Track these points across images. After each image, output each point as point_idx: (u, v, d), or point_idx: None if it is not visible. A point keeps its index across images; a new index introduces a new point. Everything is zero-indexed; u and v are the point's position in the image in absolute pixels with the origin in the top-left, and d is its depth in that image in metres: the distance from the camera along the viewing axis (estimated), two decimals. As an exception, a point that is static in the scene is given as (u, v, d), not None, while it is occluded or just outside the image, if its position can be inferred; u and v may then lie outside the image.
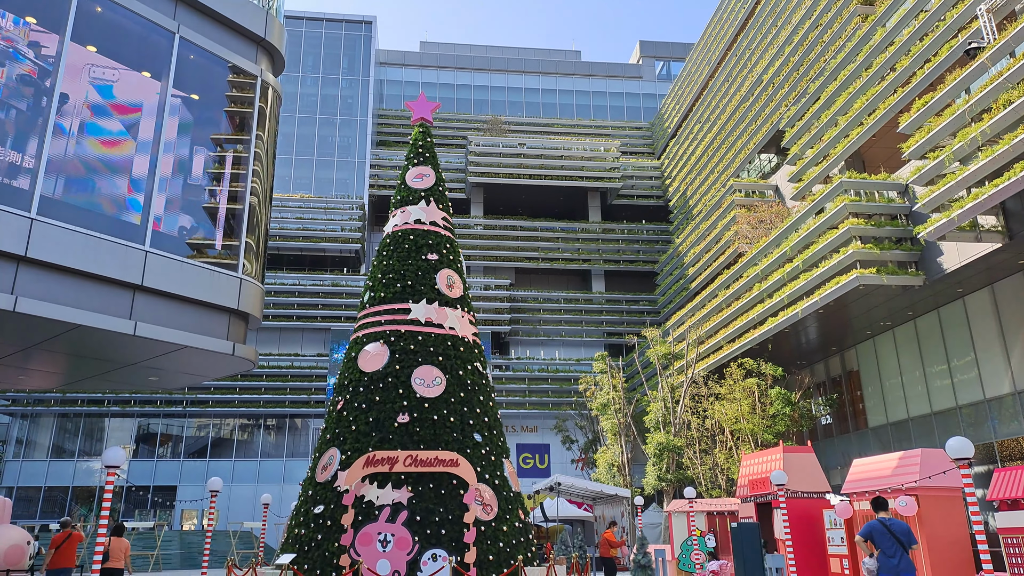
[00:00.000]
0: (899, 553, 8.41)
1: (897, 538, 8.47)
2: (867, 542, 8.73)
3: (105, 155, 9.62)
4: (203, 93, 10.86)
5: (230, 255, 10.63)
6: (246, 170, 11.08)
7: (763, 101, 35.24)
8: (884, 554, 8.48)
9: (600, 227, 53.29)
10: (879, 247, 21.77)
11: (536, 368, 47.89)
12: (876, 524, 8.67)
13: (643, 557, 17.07)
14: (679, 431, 31.12)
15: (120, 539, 13.64)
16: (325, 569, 13.58)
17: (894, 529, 8.51)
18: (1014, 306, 20.81)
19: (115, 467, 9.46)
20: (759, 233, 32.26)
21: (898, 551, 8.43)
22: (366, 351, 16.18)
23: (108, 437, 44.25)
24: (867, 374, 27.70)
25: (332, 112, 53.50)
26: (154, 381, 11.81)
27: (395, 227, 17.95)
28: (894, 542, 8.45)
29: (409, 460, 14.35)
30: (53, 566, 12.63)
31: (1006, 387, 20.96)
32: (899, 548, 8.45)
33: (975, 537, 8.62)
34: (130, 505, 42.83)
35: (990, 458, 21.40)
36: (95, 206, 9.28)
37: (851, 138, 25.22)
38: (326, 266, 50.71)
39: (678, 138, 51.53)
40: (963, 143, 17.78)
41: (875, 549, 8.61)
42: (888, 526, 8.56)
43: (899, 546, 8.45)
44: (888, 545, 8.48)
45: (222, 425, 45.68)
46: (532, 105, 61.90)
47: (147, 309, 9.24)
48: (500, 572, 13.98)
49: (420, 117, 19.54)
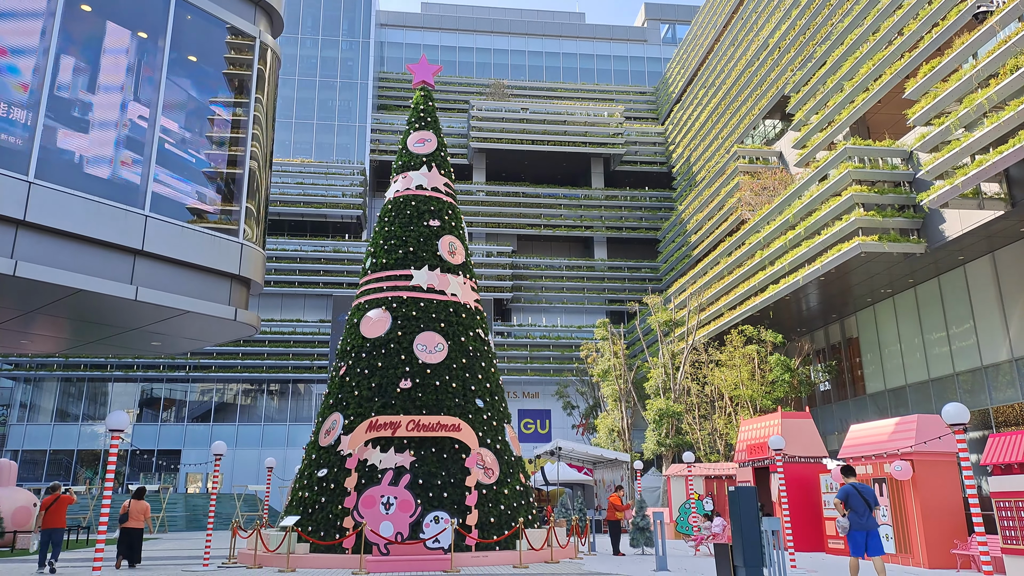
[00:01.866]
0: (867, 512, 9.87)
1: (866, 500, 9.91)
2: (842, 503, 10.03)
3: (102, 119, 9.52)
4: (201, 55, 10.70)
5: (230, 220, 10.59)
6: (245, 134, 10.98)
7: (768, 65, 34.71)
8: (855, 513, 9.86)
9: (603, 194, 52.97)
10: (882, 214, 21.67)
11: (538, 335, 48.08)
12: (849, 488, 10.01)
13: (642, 520, 17.37)
14: (679, 397, 31.38)
15: (140, 501, 14.79)
16: (329, 531, 13.85)
17: (863, 492, 9.91)
18: (1014, 274, 20.79)
19: (119, 431, 9.59)
20: (762, 200, 32.07)
21: (866, 510, 9.87)
22: (368, 317, 16.24)
23: (112, 401, 44.70)
24: (866, 341, 27.81)
25: (332, 75, 52.79)
26: (156, 346, 11.88)
27: (396, 193, 17.87)
28: (863, 503, 9.88)
29: (412, 425, 14.52)
30: (45, 526, 13.45)
31: (1003, 354, 21.06)
32: (867, 508, 9.90)
33: (968, 501, 8.75)
34: (135, 468, 43.47)
35: (985, 424, 21.60)
36: (93, 170, 9.22)
37: (856, 104, 24.91)
38: (327, 232, 50.59)
39: (682, 103, 50.87)
40: (969, 109, 17.57)
41: (847, 510, 9.96)
42: (859, 490, 9.93)
43: (867, 506, 9.90)
44: (859, 505, 9.88)
45: (225, 390, 46.10)
46: (535, 69, 61.00)
47: (148, 274, 9.24)
48: (501, 534, 14.25)
49: (421, 80, 19.29)
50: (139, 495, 15.06)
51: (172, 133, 10.16)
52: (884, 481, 14.43)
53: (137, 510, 14.58)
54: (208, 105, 10.97)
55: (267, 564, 13.65)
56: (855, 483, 10.14)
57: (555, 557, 14.60)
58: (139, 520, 14.53)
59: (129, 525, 14.34)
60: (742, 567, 10.57)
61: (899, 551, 13.92)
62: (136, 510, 14.57)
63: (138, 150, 9.62)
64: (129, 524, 14.34)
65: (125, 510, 14.52)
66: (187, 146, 10.53)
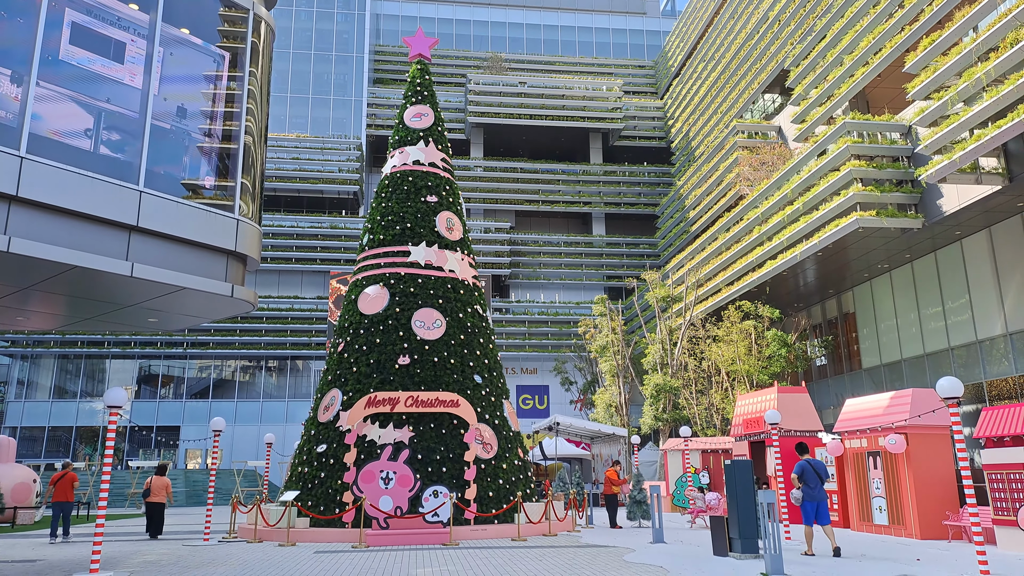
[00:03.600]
0: (819, 485, 10.97)
1: (818, 474, 11.03)
2: (797, 478, 11.09)
3: (94, 93, 9.40)
4: (193, 27, 10.54)
5: (226, 196, 10.52)
6: (240, 108, 10.85)
7: (768, 39, 34.32)
8: (808, 486, 10.94)
9: (601, 169, 52.69)
10: (880, 189, 21.60)
11: (536, 311, 48.16)
12: (804, 464, 11.12)
13: (639, 493, 17.56)
14: (676, 372, 31.55)
15: (162, 477, 15.91)
16: (329, 505, 13.99)
17: (816, 468, 11.05)
18: (1010, 249, 20.80)
19: (117, 407, 9.61)
20: (761, 175, 31.93)
21: (818, 484, 10.98)
22: (366, 293, 16.24)
23: (110, 378, 44.82)
24: (863, 316, 27.91)
25: (327, 48, 52.12)
26: (154, 323, 11.87)
27: (394, 168, 17.75)
28: (816, 477, 10.99)
29: (410, 401, 14.60)
30: (55, 500, 14.62)
31: (998, 329, 21.16)
32: (819, 482, 11.00)
33: (960, 473, 8.85)
34: (134, 445, 43.74)
35: (979, 398, 21.78)
36: (86, 145, 9.13)
37: (856, 78, 24.69)
38: (324, 208, 50.35)
39: (681, 77, 50.39)
40: (968, 83, 17.44)
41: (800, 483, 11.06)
42: (812, 465, 11.06)
43: (819, 480, 11.00)
44: (812, 479, 10.97)
45: (224, 367, 46.22)
46: (533, 42, 60.26)
47: (144, 250, 9.20)
48: (500, 508, 14.41)
49: (418, 53, 19.06)
50: (161, 471, 16.09)
51: (166, 107, 10.05)
52: (878, 454, 14.58)
53: (159, 486, 15.58)
54: (202, 79, 10.83)
55: (267, 538, 13.81)
56: (809, 459, 11.20)
57: (553, 530, 14.78)
58: (161, 495, 15.52)
59: (152, 500, 15.43)
60: (737, 539, 10.72)
61: (892, 522, 14.11)
62: (158, 486, 15.57)
63: (131, 125, 9.52)
64: (152, 499, 15.43)
65: (148, 486, 15.62)
66: (181, 121, 10.42)
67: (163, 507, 15.58)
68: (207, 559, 11.05)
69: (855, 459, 15.31)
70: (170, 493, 16.08)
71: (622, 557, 10.71)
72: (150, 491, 15.52)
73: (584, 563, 10.00)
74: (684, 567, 9.57)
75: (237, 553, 11.86)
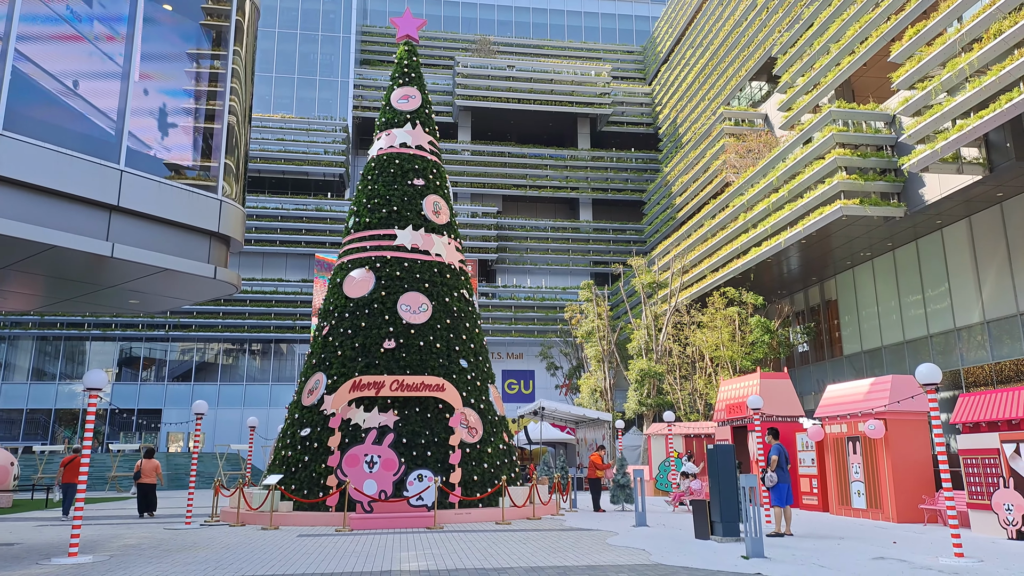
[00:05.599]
0: (786, 469, 11.86)
1: (787, 457, 12.00)
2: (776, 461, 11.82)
3: (75, 68, 9.21)
4: (177, 4, 10.33)
5: (209, 176, 10.37)
6: (224, 88, 10.68)
7: (756, 26, 34.31)
8: (781, 468, 11.71)
9: (589, 155, 52.60)
10: (864, 178, 21.77)
11: (522, 296, 48.19)
12: (780, 448, 11.87)
13: (622, 477, 17.72)
14: (661, 358, 31.76)
15: (151, 460, 16.96)
16: (312, 489, 13.98)
17: (785, 452, 11.90)
18: (989, 238, 21.09)
19: (97, 389, 9.51)
20: (747, 163, 32.03)
21: (786, 467, 11.89)
22: (351, 277, 16.15)
23: (90, 360, 44.34)
24: (845, 304, 28.21)
25: (314, 28, 51.37)
26: (135, 304, 11.72)
27: (380, 150, 17.59)
28: (787, 461, 11.93)
29: (396, 385, 14.58)
30: (65, 480, 15.93)
31: (976, 316, 21.48)
32: (787, 465, 11.95)
33: (937, 458, 9.01)
34: (114, 428, 43.38)
35: (956, 384, 22.15)
36: (65, 122, 8.95)
37: (842, 67, 24.78)
38: (309, 190, 49.88)
39: (670, 63, 50.29)
40: (952, 73, 17.56)
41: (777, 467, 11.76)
42: (783, 450, 11.87)
43: (788, 463, 11.97)
44: (784, 462, 11.80)
45: (206, 349, 45.88)
46: (522, 25, 59.78)
47: (125, 230, 9.06)
48: (484, 491, 14.49)
49: (406, 35, 18.84)
50: (149, 454, 17.12)
51: (147, 86, 9.87)
52: (858, 439, 14.79)
53: (149, 468, 16.68)
54: (185, 57, 10.63)
55: (250, 522, 13.79)
56: (780, 444, 11.96)
57: (537, 514, 14.89)
58: (151, 476, 16.64)
59: (143, 481, 16.55)
60: (719, 522, 10.85)
61: (869, 506, 14.36)
62: (148, 468, 16.66)
63: (112, 103, 9.34)
64: (143, 480, 16.56)
65: (138, 468, 16.74)
66: (163, 100, 10.24)
67: (155, 487, 16.71)
68: (188, 542, 11.02)
69: (835, 444, 15.53)
70: (160, 474, 17.17)
71: (605, 540, 10.81)
72: (141, 473, 16.59)
73: (568, 546, 10.09)
74: (666, 550, 9.69)
75: (219, 536, 11.84)
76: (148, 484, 16.60)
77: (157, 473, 16.91)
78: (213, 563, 8.76)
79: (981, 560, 8.67)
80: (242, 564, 8.65)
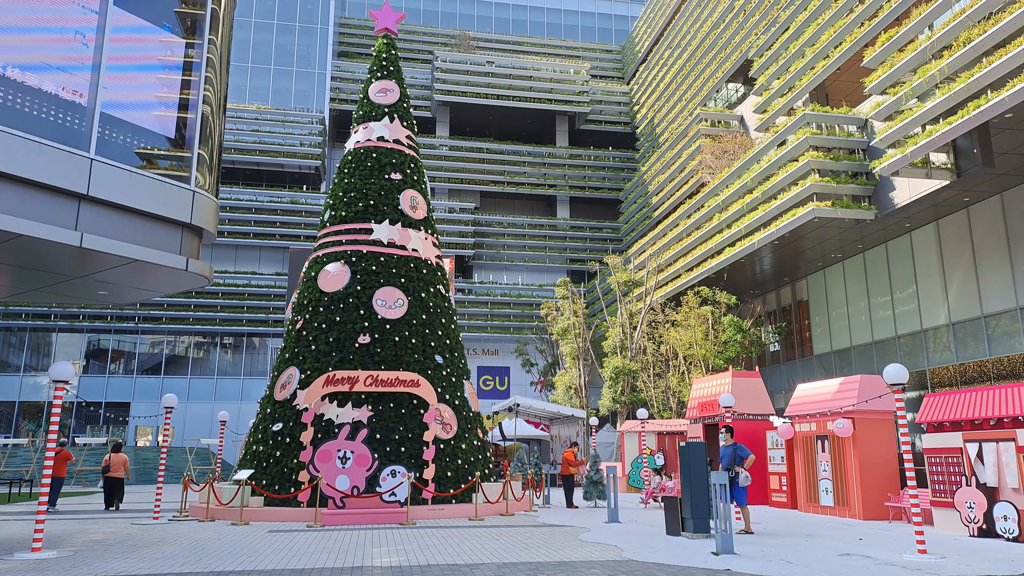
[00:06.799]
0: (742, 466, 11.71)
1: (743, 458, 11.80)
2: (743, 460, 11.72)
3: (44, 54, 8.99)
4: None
5: (182, 167, 10.20)
6: (198, 77, 10.51)
7: (733, 29, 34.67)
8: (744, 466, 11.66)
9: (567, 152, 52.74)
10: (836, 180, 22.13)
11: (499, 292, 48.20)
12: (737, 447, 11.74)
13: (595, 473, 17.83)
14: (635, 356, 32.00)
15: (119, 454, 17.15)
16: (284, 484, 13.85)
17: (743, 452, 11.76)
18: (955, 242, 21.58)
19: (63, 382, 9.32)
20: (722, 163, 32.37)
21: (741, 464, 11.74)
22: (326, 271, 16.00)
23: (56, 352, 43.39)
24: (815, 304, 28.68)
25: (291, 18, 50.73)
26: (104, 296, 11.50)
27: (357, 144, 17.45)
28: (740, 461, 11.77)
29: (370, 380, 14.49)
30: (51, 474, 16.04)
31: (942, 319, 21.98)
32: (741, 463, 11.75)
33: (903, 457, 9.21)
34: (81, 421, 42.52)
35: (922, 384, 22.65)
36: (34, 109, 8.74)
37: (817, 70, 25.15)
38: (284, 182, 49.33)
39: (648, 63, 50.59)
40: (922, 80, 17.92)
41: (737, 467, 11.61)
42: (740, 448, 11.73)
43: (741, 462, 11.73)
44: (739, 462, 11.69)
45: (177, 342, 45.17)
46: (501, 21, 59.68)
47: (94, 220, 8.88)
48: (458, 487, 14.48)
49: (384, 28, 18.69)
50: (117, 449, 17.26)
51: (119, 73, 9.67)
52: (827, 438, 15.06)
53: (117, 462, 16.88)
54: (159, 44, 10.44)
55: (219, 517, 13.62)
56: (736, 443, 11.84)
57: (510, 510, 14.93)
58: (119, 470, 16.89)
59: (111, 475, 16.79)
60: (690, 519, 10.97)
61: (837, 504, 14.63)
62: (116, 462, 16.87)
63: (83, 90, 9.14)
64: (111, 474, 16.79)
65: (107, 463, 16.93)
66: (136, 87, 10.04)
67: (122, 481, 17.01)
68: (156, 538, 10.85)
69: (804, 442, 15.79)
70: (127, 468, 17.38)
71: (578, 536, 10.88)
72: (110, 467, 16.81)
73: (540, 542, 10.13)
74: (638, 546, 9.77)
75: (188, 532, 11.68)
76: (116, 478, 16.85)
77: (125, 467, 17.17)
78: (181, 559, 8.64)
79: (943, 557, 8.89)
80: (211, 560, 8.55)
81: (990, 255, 20.33)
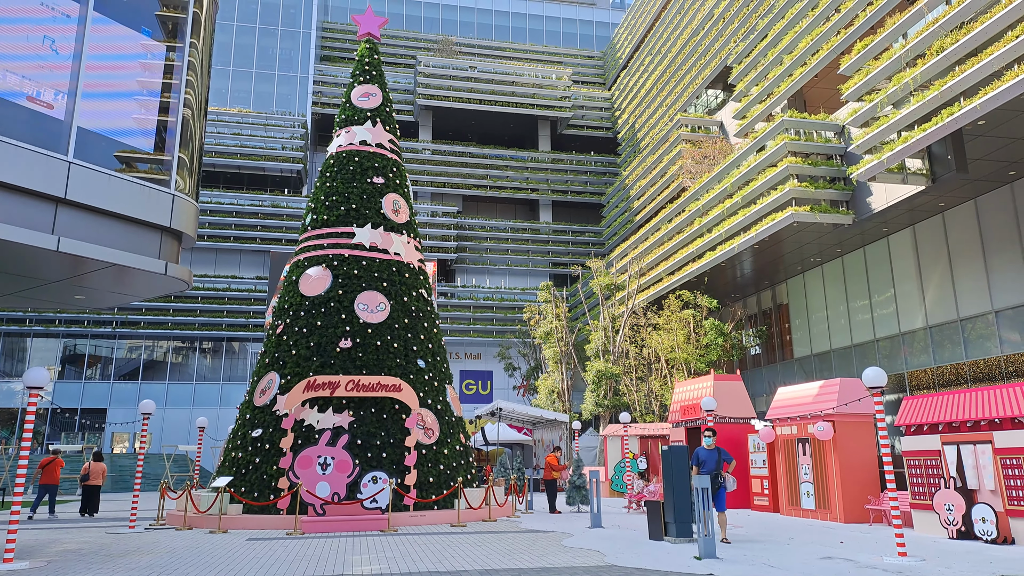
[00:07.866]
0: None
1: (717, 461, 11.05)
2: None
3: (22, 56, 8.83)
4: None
5: (162, 170, 10.08)
6: (179, 80, 10.39)
7: (713, 36, 35.02)
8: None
9: (549, 157, 52.90)
10: (814, 186, 22.41)
11: (481, 296, 48.14)
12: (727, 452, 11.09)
13: (578, 478, 17.83)
14: (617, 359, 32.10)
15: (99, 463, 17.45)
16: (263, 491, 13.68)
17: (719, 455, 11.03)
18: (931, 246, 21.94)
19: (38, 388, 9.14)
20: (703, 168, 32.64)
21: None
22: (308, 275, 15.87)
23: (31, 357, 42.60)
24: (795, 307, 28.98)
25: (273, 22, 50.41)
26: (81, 300, 11.31)
27: (339, 148, 17.36)
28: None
29: (351, 385, 14.38)
30: (43, 481, 16.48)
31: (919, 322, 22.31)
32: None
33: (882, 459, 9.31)
34: (56, 428, 41.74)
35: (901, 387, 22.96)
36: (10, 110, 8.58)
37: (795, 77, 25.49)
38: (266, 186, 48.92)
39: (629, 69, 50.94)
40: (897, 87, 18.24)
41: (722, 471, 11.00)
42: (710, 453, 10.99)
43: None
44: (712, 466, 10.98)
45: (155, 347, 44.56)
46: (484, 27, 59.80)
47: (71, 224, 8.73)
48: (440, 493, 14.40)
49: (367, 32, 18.64)
50: (97, 457, 17.63)
51: (99, 76, 9.53)
52: (807, 441, 15.19)
53: (96, 470, 17.14)
54: (139, 47, 10.31)
55: (197, 525, 13.43)
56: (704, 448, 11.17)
57: (493, 515, 14.88)
58: (98, 479, 17.13)
59: (90, 483, 17.00)
60: (672, 523, 11.00)
61: (818, 507, 14.76)
62: (96, 470, 17.12)
63: (61, 92, 9.00)
64: (90, 482, 17.00)
65: (86, 470, 17.16)
66: (116, 90, 9.90)
67: (99, 489, 17.12)
68: (131, 547, 10.67)
69: (785, 446, 15.92)
70: (104, 476, 17.61)
71: (560, 542, 10.86)
72: (89, 475, 17.02)
73: (523, 548, 10.10)
74: (620, 551, 9.78)
75: (164, 540, 11.50)
76: (94, 486, 17.00)
77: (103, 475, 17.42)
78: (157, 568, 8.50)
79: (923, 559, 9.00)
80: (188, 569, 8.42)
81: (965, 259, 20.69)
